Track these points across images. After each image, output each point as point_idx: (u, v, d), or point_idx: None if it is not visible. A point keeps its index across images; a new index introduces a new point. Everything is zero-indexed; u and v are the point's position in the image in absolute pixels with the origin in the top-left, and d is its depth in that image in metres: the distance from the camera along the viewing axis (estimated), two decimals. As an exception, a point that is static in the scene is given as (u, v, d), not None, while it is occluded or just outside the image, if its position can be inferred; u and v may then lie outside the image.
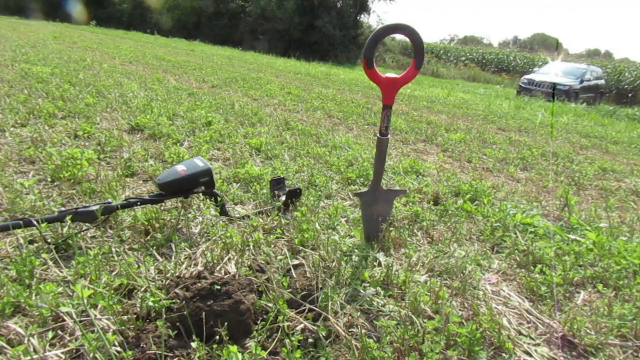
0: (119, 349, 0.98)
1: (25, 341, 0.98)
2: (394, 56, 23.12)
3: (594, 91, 13.43)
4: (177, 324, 1.06)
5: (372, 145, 3.34)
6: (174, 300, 1.13)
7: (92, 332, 1.01)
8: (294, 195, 1.96)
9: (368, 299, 1.30)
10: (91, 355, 0.96)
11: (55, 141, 2.50)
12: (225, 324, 1.02)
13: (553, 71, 13.31)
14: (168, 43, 14.95)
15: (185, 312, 1.05)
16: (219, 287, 1.13)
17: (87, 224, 1.55)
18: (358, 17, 20.44)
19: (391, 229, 1.73)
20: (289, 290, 1.27)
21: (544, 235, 1.92)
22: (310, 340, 1.09)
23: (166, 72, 6.70)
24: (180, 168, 1.69)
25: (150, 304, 1.10)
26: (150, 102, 3.92)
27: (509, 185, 2.79)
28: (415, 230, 1.86)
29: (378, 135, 1.62)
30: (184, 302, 1.09)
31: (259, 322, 1.13)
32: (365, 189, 1.72)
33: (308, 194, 2.09)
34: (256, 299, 1.19)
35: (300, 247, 1.59)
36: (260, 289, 1.24)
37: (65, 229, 1.48)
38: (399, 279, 1.41)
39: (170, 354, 0.99)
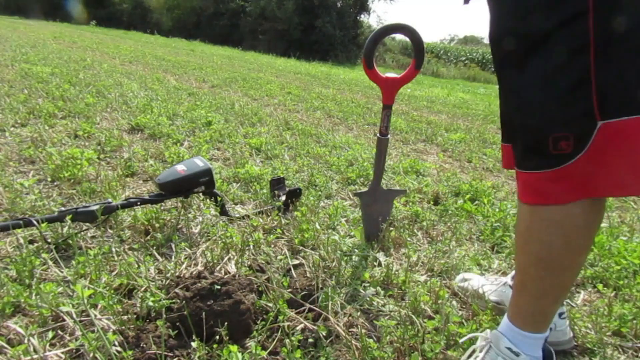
0: (119, 348, 0.98)
1: (25, 341, 0.98)
2: (394, 56, 23.11)
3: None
4: (177, 324, 1.06)
5: (372, 145, 3.34)
6: (174, 300, 1.13)
7: (92, 332, 1.01)
8: (294, 195, 1.96)
9: (368, 299, 1.30)
10: (91, 355, 0.96)
11: (55, 141, 2.50)
12: (226, 323, 1.02)
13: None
14: (168, 43, 14.95)
15: (185, 312, 1.05)
16: (219, 287, 1.13)
17: (87, 224, 1.55)
18: (358, 17, 20.45)
19: (391, 229, 1.73)
20: (289, 290, 1.27)
21: (544, 235, 1.91)
22: (310, 340, 1.09)
23: (166, 72, 6.70)
24: (180, 168, 1.69)
25: (150, 304, 1.10)
26: (150, 102, 3.92)
27: (509, 185, 2.79)
28: (415, 230, 1.86)
29: (378, 135, 1.62)
30: (184, 302, 1.09)
31: (259, 322, 1.13)
32: (365, 189, 1.72)
33: (308, 194, 2.09)
34: (256, 299, 1.19)
35: (300, 247, 1.59)
36: (260, 289, 1.24)
37: (65, 229, 1.48)
38: (399, 279, 1.41)
39: (170, 354, 0.99)
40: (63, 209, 1.51)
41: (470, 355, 1.02)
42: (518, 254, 0.94)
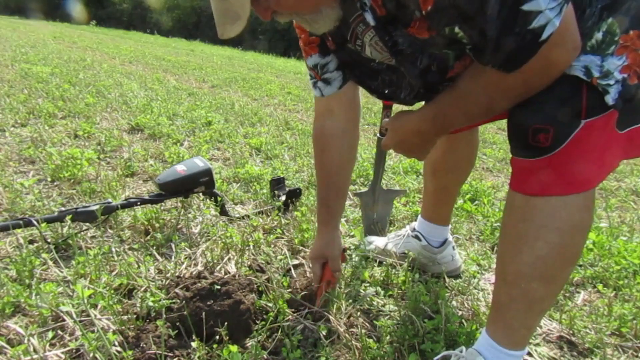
0: (119, 348, 0.98)
1: (25, 341, 0.98)
2: (394, 56, 23.04)
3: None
4: (177, 324, 1.06)
5: (372, 145, 3.34)
6: (174, 300, 1.13)
7: (92, 332, 1.01)
8: (294, 195, 1.96)
9: (368, 299, 1.30)
10: (91, 355, 0.96)
11: (55, 141, 2.50)
12: (226, 323, 1.02)
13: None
14: (168, 43, 14.95)
15: (185, 312, 1.05)
16: (219, 287, 1.13)
17: (87, 224, 1.55)
18: (358, 17, 20.40)
19: (391, 228, 1.73)
20: (289, 290, 1.27)
21: (544, 235, 1.91)
22: (310, 340, 1.09)
23: (166, 72, 6.70)
24: (180, 168, 1.70)
25: (150, 304, 1.10)
26: (150, 102, 3.92)
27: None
28: (415, 230, 1.86)
29: (378, 135, 1.62)
30: (184, 302, 1.09)
31: (259, 322, 1.13)
32: (365, 189, 1.72)
33: (308, 194, 2.09)
34: (256, 299, 1.19)
35: (300, 247, 1.59)
36: (260, 289, 1.24)
37: (65, 229, 1.48)
38: (399, 279, 1.41)
39: (170, 354, 0.99)
40: (63, 209, 1.51)
41: None
42: (507, 264, 0.89)
